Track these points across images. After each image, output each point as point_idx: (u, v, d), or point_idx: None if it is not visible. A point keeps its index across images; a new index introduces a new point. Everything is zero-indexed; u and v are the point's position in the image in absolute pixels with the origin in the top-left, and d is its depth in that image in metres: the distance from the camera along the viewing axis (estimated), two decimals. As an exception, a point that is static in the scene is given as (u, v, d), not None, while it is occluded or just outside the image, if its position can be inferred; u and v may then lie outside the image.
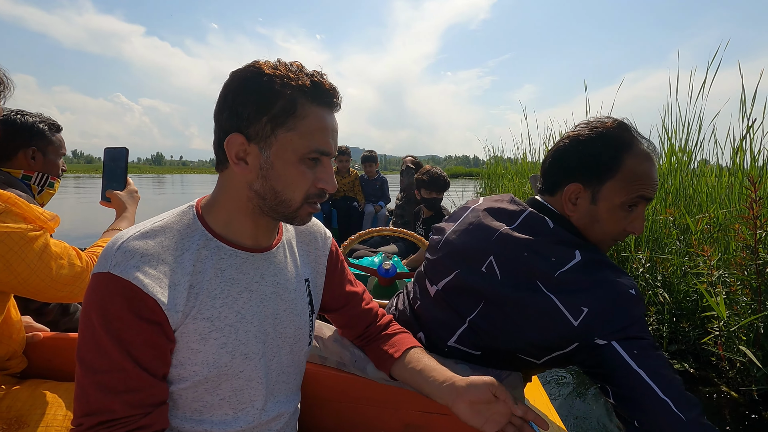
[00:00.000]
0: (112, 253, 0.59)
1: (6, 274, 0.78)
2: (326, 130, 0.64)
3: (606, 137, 0.83)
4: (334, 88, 0.66)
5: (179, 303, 0.61)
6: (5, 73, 0.87)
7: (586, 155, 0.84)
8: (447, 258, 0.96)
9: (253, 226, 0.70)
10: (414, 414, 0.86)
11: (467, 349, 0.89)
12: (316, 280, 0.84)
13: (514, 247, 0.86)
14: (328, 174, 0.67)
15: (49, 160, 1.31)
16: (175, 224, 0.66)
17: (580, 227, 0.87)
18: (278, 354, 0.74)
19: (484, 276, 0.87)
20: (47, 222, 0.85)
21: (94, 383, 0.57)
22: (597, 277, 0.77)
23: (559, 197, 0.89)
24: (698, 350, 2.41)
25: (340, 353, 0.94)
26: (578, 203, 0.86)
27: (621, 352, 0.72)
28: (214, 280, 0.65)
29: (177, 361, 0.64)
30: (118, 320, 0.57)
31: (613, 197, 0.83)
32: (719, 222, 2.57)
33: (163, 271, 0.61)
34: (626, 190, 0.82)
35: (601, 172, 0.83)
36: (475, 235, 0.93)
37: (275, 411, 0.74)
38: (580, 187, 0.85)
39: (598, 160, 0.83)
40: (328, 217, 4.78)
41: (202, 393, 0.66)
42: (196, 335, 0.63)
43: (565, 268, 0.79)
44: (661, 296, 2.60)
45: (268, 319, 0.71)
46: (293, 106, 0.62)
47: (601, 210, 0.84)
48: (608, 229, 0.85)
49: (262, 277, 0.71)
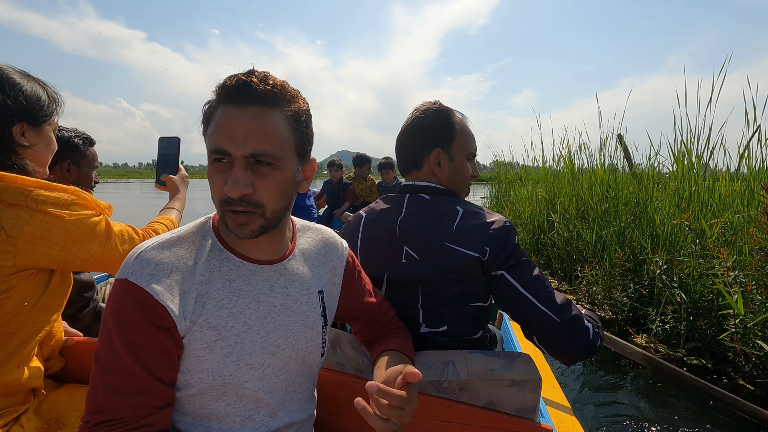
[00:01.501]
0: (130, 261, 0.63)
1: (85, 253, 0.88)
2: (221, 128, 0.61)
3: (440, 111, 1.08)
4: (239, 82, 0.61)
5: (187, 311, 0.63)
6: (56, 90, 0.96)
7: (432, 126, 1.07)
8: (372, 270, 1.03)
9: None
10: (433, 423, 0.85)
11: (437, 329, 0.98)
12: (331, 291, 0.83)
13: (415, 228, 1.00)
14: (232, 177, 0.61)
15: (83, 172, 1.41)
16: (191, 235, 0.69)
17: (446, 183, 1.08)
18: (289, 365, 0.74)
19: (407, 265, 0.99)
20: (105, 209, 0.96)
21: (103, 383, 0.60)
22: (482, 220, 0.96)
23: (426, 167, 1.08)
24: (714, 347, 2.56)
25: (358, 360, 0.96)
26: (442, 164, 1.07)
27: (510, 280, 0.92)
28: (222, 290, 0.67)
29: (184, 368, 0.65)
30: (130, 324, 0.60)
31: (461, 152, 1.08)
32: (733, 226, 2.73)
33: (175, 280, 0.63)
34: (465, 145, 1.08)
35: (448, 136, 1.07)
36: (379, 239, 1.05)
37: (287, 419, 0.74)
38: (439, 151, 1.07)
39: (442, 127, 1.07)
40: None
41: (208, 400, 0.67)
42: (202, 343, 0.65)
43: (457, 221, 0.97)
44: (678, 296, 2.75)
45: (277, 330, 0.71)
46: (208, 111, 0.64)
47: (457, 164, 1.08)
48: (466, 177, 1.10)
49: (271, 288, 0.72)
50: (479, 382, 0.85)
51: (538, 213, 5.32)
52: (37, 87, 0.91)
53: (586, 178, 4.63)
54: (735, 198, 2.99)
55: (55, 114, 0.95)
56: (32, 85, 0.90)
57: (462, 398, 0.86)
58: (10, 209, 0.80)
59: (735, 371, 2.39)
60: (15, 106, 0.85)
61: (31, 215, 0.81)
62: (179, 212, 1.30)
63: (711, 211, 3.06)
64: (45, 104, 0.91)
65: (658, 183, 3.79)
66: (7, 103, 0.84)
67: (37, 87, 0.91)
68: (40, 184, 0.84)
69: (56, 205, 0.84)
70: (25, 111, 0.87)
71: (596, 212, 4.04)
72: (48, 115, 0.92)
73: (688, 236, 2.95)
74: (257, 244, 0.70)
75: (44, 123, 0.92)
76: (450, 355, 0.92)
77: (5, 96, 0.84)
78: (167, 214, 1.25)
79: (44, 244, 0.82)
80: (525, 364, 0.87)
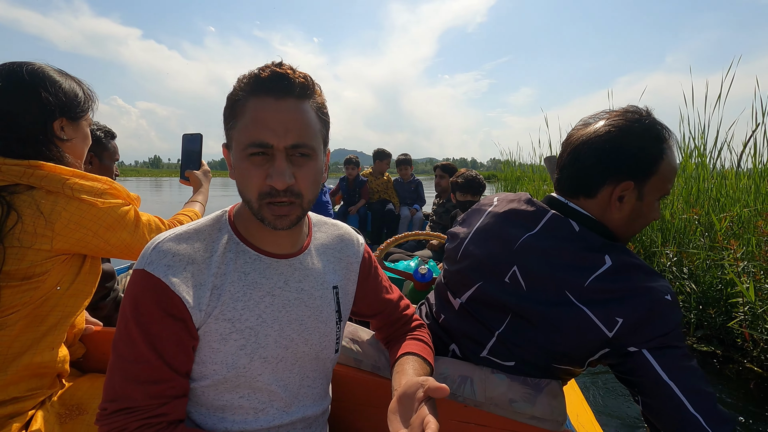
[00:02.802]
0: (148, 252, 0.63)
1: (115, 239, 0.92)
2: (261, 121, 0.60)
3: (651, 130, 0.79)
4: (275, 73, 0.61)
5: (203, 302, 0.64)
6: (90, 88, 1.00)
7: (635, 149, 0.78)
8: (468, 269, 0.92)
9: (267, 231, 0.70)
10: (451, 423, 0.82)
11: (500, 361, 0.84)
12: (346, 287, 0.83)
13: (539, 255, 0.81)
14: (275, 168, 0.61)
15: (104, 165, 1.44)
16: (207, 228, 0.69)
17: (618, 225, 0.82)
18: (302, 359, 0.74)
19: (508, 288, 0.83)
20: (134, 200, 1.00)
21: (120, 371, 0.61)
22: (630, 285, 0.73)
23: (602, 198, 0.82)
24: (723, 334, 2.70)
25: (376, 357, 0.92)
26: (625, 201, 0.80)
27: (652, 362, 0.69)
28: (237, 283, 0.67)
29: (199, 359, 0.66)
30: (147, 314, 0.61)
31: (654, 191, 0.80)
32: (741, 220, 2.87)
33: (191, 272, 0.64)
34: (664, 183, 0.80)
35: (650, 166, 0.78)
36: (495, 244, 0.89)
37: (300, 414, 0.74)
38: (631, 184, 0.79)
39: (647, 154, 0.78)
40: (363, 219, 4.84)
41: (222, 391, 0.67)
42: (217, 335, 0.65)
43: (595, 275, 0.75)
44: (688, 287, 2.90)
45: (291, 324, 0.71)
46: (234, 104, 0.63)
47: (645, 205, 0.81)
48: (646, 222, 0.83)
49: (286, 282, 0.71)
50: (495, 408, 0.79)
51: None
52: (74, 84, 0.95)
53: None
54: (742, 193, 3.14)
55: (90, 110, 0.99)
56: (70, 83, 0.94)
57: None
58: (49, 196, 0.84)
59: (743, 356, 2.53)
60: (56, 102, 0.90)
61: (67, 202, 0.85)
62: (202, 205, 1.34)
63: (719, 205, 3.21)
64: (82, 100, 0.96)
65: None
66: (49, 99, 0.88)
67: (74, 84, 0.95)
68: (76, 174, 0.88)
69: (90, 193, 0.88)
70: (64, 107, 0.91)
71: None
72: (84, 110, 0.97)
73: (697, 230, 3.10)
74: (275, 238, 0.71)
75: (81, 118, 0.97)
76: (470, 370, 0.84)
77: (47, 93, 0.88)
78: (191, 207, 1.29)
79: (79, 230, 0.86)
80: (551, 399, 0.77)
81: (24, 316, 0.85)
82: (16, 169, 0.84)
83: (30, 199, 0.83)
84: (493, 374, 0.82)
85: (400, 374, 0.72)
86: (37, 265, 0.83)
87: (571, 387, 1.19)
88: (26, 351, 0.86)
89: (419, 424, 0.53)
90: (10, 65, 0.88)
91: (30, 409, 0.87)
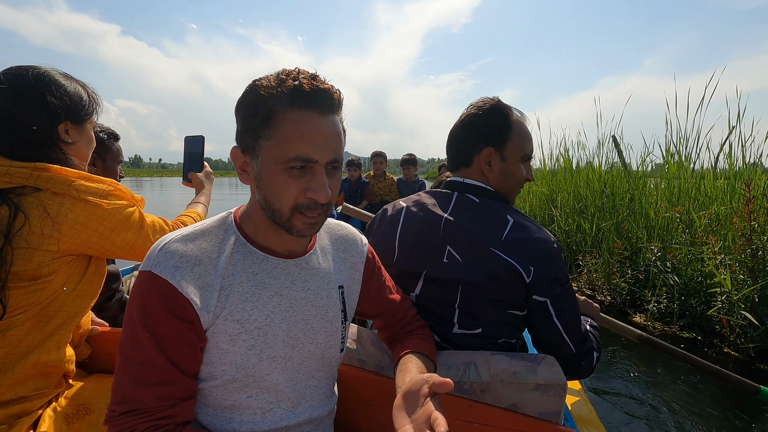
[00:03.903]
0: (154, 254, 0.63)
1: (120, 240, 0.93)
2: (306, 136, 0.61)
3: (497, 109, 1.04)
4: (320, 89, 0.62)
5: (211, 303, 0.63)
6: (95, 91, 1.01)
7: (488, 124, 1.03)
8: (409, 264, 1.03)
9: (276, 233, 0.70)
10: (455, 423, 0.83)
11: (470, 331, 0.96)
12: (351, 286, 0.83)
13: (461, 231, 0.97)
14: (318, 183, 0.63)
15: (108, 166, 1.44)
16: (213, 229, 0.69)
17: (496, 185, 1.04)
18: (308, 359, 0.74)
19: (449, 266, 0.96)
20: (138, 201, 1.01)
21: (128, 373, 0.61)
22: (529, 236, 0.93)
23: (476, 165, 1.05)
24: (703, 322, 2.95)
25: (379, 357, 0.94)
26: (492, 164, 1.03)
27: (551, 310, 0.93)
28: (246, 284, 0.67)
29: (207, 360, 0.66)
30: (154, 316, 0.60)
31: (514, 153, 1.04)
32: (719, 217, 3.13)
33: (198, 273, 0.63)
34: (520, 146, 1.04)
35: (502, 135, 1.03)
36: (423, 234, 1.02)
37: (307, 414, 0.74)
38: (491, 150, 1.03)
39: (498, 125, 1.03)
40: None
41: (230, 391, 0.68)
42: (226, 336, 0.65)
43: (506, 231, 0.94)
44: (671, 279, 3.14)
45: (298, 324, 0.72)
46: (270, 114, 0.61)
47: (509, 165, 1.04)
48: (516, 179, 1.05)
49: (293, 282, 0.72)
50: (501, 385, 0.83)
51: (539, 207, 5.70)
52: (79, 87, 0.96)
53: (584, 175, 5.03)
54: (719, 193, 3.41)
55: (95, 113, 1.00)
56: (75, 86, 0.95)
57: (483, 400, 0.84)
58: (55, 198, 0.85)
59: (721, 341, 2.78)
60: (61, 106, 0.90)
61: (73, 203, 0.86)
62: (205, 206, 1.34)
63: (699, 204, 3.47)
64: (86, 104, 0.96)
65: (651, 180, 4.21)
66: (54, 103, 0.89)
67: (79, 87, 0.96)
68: (82, 175, 0.89)
69: (96, 194, 0.89)
70: (69, 110, 0.92)
71: (595, 207, 4.44)
72: (89, 114, 0.98)
73: (679, 227, 3.35)
74: (284, 239, 0.71)
75: (86, 121, 0.97)
76: (472, 356, 0.90)
77: (53, 97, 0.89)
78: (194, 208, 1.29)
79: (85, 231, 0.87)
80: (550, 367, 0.85)
81: (32, 316, 0.85)
82: (22, 171, 0.84)
83: (37, 201, 0.84)
84: (493, 355, 0.90)
85: (403, 372, 0.73)
86: (44, 265, 0.84)
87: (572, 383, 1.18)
88: (33, 350, 0.87)
89: (425, 419, 0.53)
90: (16, 69, 0.89)
91: (37, 408, 0.88)
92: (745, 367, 2.48)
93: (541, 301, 0.92)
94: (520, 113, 1.07)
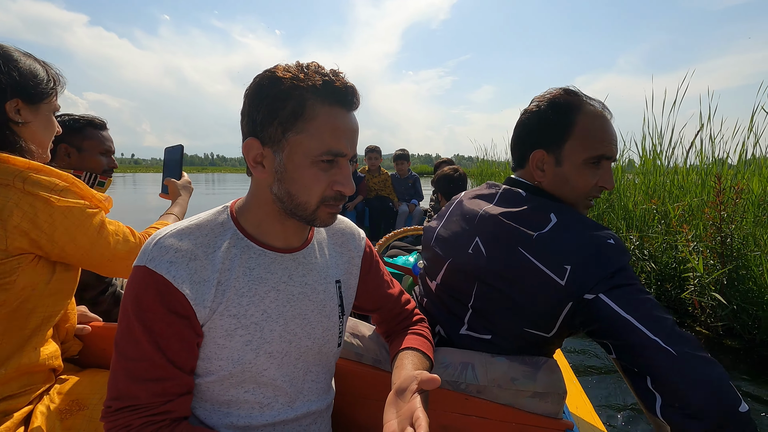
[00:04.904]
0: (149, 248, 0.62)
1: (71, 246, 0.83)
2: (338, 131, 0.62)
3: (555, 103, 0.89)
4: (348, 86, 0.63)
5: (207, 299, 0.63)
6: (60, 72, 0.93)
7: (541, 122, 0.90)
8: (439, 251, 1.00)
9: (281, 227, 0.70)
10: (452, 416, 0.83)
11: (479, 334, 0.89)
12: (348, 281, 0.83)
13: (494, 222, 0.89)
14: (345, 176, 0.65)
15: (84, 156, 1.30)
16: (209, 223, 0.68)
17: (554, 191, 0.91)
18: (306, 354, 0.74)
19: (471, 258, 0.89)
20: (102, 202, 0.90)
21: (124, 369, 0.60)
22: (575, 235, 0.78)
23: (528, 168, 0.93)
24: (677, 305, 3.21)
25: (376, 351, 0.93)
26: (545, 168, 0.90)
27: (609, 303, 0.72)
28: (242, 279, 0.66)
29: (204, 355, 0.65)
30: (150, 312, 0.60)
31: (575, 156, 0.87)
32: (692, 208, 3.40)
33: (194, 268, 0.63)
34: (585, 147, 0.86)
35: (557, 134, 0.88)
36: (460, 223, 0.98)
37: (305, 409, 0.74)
38: (543, 152, 0.89)
39: (553, 123, 0.88)
40: (360, 215, 4.81)
41: (227, 387, 0.67)
42: (222, 331, 0.65)
43: (543, 230, 0.81)
44: (648, 266, 3.40)
45: (295, 319, 0.71)
46: (302, 107, 0.61)
47: (566, 170, 0.88)
48: (579, 186, 0.88)
49: (290, 277, 0.71)
50: (498, 389, 0.81)
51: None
52: (36, 65, 0.88)
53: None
54: (692, 186, 3.69)
55: (54, 95, 0.92)
56: (31, 63, 0.87)
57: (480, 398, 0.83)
58: (0, 190, 0.77)
59: (693, 321, 3.04)
60: (8, 81, 0.82)
61: (20, 197, 0.77)
62: (177, 218, 1.25)
63: (673, 197, 3.75)
64: (42, 82, 0.88)
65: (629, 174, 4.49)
66: (1, 78, 0.81)
67: (37, 65, 0.88)
68: (32, 166, 0.80)
69: (47, 189, 0.80)
70: (18, 86, 0.84)
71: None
72: (45, 94, 0.89)
73: (655, 218, 3.62)
74: (284, 233, 0.71)
75: (41, 102, 0.88)
76: (470, 356, 0.86)
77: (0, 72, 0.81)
78: (165, 219, 1.20)
79: (33, 230, 0.78)
80: (550, 373, 0.80)
81: (2, 319, 0.80)
82: None
83: None
84: (493, 357, 0.84)
85: (399, 368, 0.73)
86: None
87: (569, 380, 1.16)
88: (13, 354, 0.83)
89: (408, 416, 0.55)
90: None
91: (25, 405, 0.84)
92: (714, 344, 2.74)
93: (590, 299, 0.73)
94: (599, 105, 0.89)
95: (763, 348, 2.63)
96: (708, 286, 2.79)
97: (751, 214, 2.99)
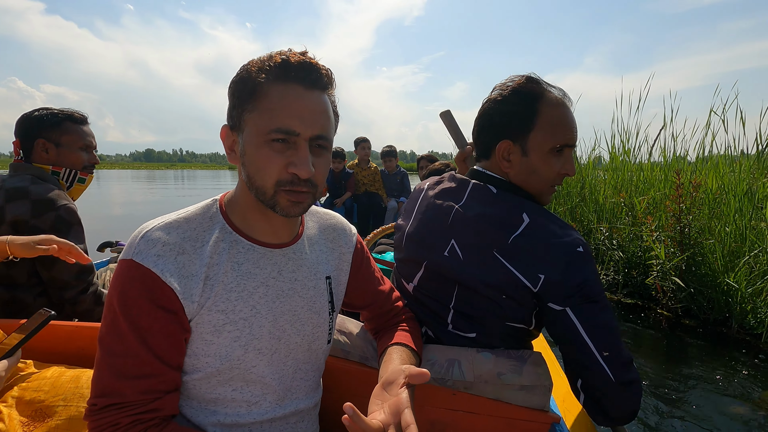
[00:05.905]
0: (136, 242, 0.60)
1: None
2: (290, 108, 0.59)
3: (519, 92, 0.87)
4: (305, 62, 0.61)
5: (195, 293, 0.61)
6: None
7: (506, 112, 0.87)
8: (413, 252, 0.97)
9: (265, 220, 0.68)
10: (440, 411, 0.83)
11: (463, 333, 0.89)
12: (339, 277, 0.82)
13: (468, 224, 0.87)
14: (300, 157, 0.60)
15: (63, 151, 1.27)
16: (197, 217, 0.66)
17: (520, 182, 0.89)
18: (295, 351, 0.72)
19: (448, 261, 0.88)
20: None
21: (109, 366, 0.58)
22: (547, 241, 0.79)
23: (494, 159, 0.91)
24: (642, 290, 3.51)
25: (364, 347, 0.92)
26: (512, 159, 0.88)
27: (573, 320, 0.77)
28: (230, 273, 0.65)
29: (191, 351, 0.64)
30: (136, 306, 0.58)
31: (540, 145, 0.86)
32: (655, 201, 3.71)
33: (182, 262, 0.61)
34: (550, 136, 0.85)
35: (522, 124, 0.86)
36: (432, 222, 0.95)
37: (293, 407, 0.73)
38: (509, 143, 0.87)
39: (517, 114, 0.86)
40: (349, 211, 4.82)
41: (215, 384, 0.66)
42: (210, 327, 0.63)
43: (517, 233, 0.81)
44: (616, 255, 3.69)
45: (284, 315, 0.70)
46: (255, 86, 0.60)
47: (533, 160, 0.87)
48: (545, 175, 0.88)
49: (280, 272, 0.70)
50: (485, 385, 0.82)
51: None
52: None
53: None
54: (656, 180, 4.00)
55: None
56: None
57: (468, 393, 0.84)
58: None
59: (656, 305, 3.34)
60: None
61: None
62: None
63: (639, 191, 4.06)
64: None
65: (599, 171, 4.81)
66: None
67: None
68: None
69: None
70: None
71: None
72: None
73: (623, 210, 3.91)
74: (272, 227, 0.69)
75: None
76: (457, 352, 0.86)
77: None
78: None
79: None
80: (536, 367, 0.82)
81: None
82: None
83: None
84: (479, 353, 0.84)
85: (386, 363, 0.72)
86: None
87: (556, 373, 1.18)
88: None
89: (395, 410, 0.54)
90: None
91: None
92: (674, 324, 3.03)
93: (558, 309, 0.78)
94: (560, 93, 0.88)
95: (716, 326, 2.94)
96: (669, 272, 3.09)
97: (707, 206, 3.30)
